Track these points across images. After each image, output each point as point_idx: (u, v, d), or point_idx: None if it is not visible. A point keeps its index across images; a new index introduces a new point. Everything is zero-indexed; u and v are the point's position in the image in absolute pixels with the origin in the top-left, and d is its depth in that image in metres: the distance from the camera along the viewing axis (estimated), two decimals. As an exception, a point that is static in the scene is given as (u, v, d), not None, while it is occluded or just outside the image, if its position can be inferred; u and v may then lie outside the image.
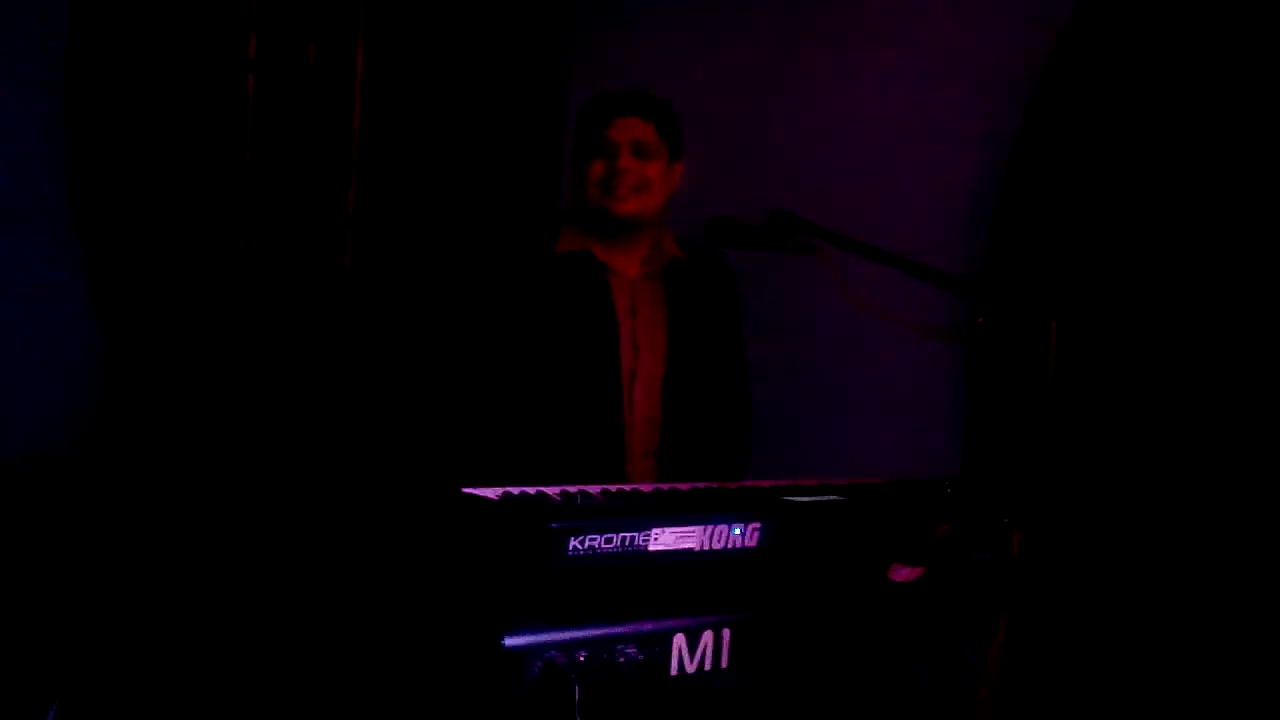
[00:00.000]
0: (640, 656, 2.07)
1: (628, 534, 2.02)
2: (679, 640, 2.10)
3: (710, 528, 2.10)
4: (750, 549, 2.14)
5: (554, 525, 1.97)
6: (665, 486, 2.31)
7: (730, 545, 2.12)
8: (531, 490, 2.14)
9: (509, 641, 1.95)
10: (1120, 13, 3.15)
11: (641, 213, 2.82)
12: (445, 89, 3.76)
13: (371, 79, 3.69)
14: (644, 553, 2.05)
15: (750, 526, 2.13)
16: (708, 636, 2.13)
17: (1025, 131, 3.20)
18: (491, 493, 2.10)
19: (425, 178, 3.73)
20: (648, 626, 2.08)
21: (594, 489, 2.23)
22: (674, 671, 2.09)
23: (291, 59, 3.63)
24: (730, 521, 2.11)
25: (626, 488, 2.32)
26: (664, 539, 2.06)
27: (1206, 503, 2.91)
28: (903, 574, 2.22)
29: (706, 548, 2.10)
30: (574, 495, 2.14)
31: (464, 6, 3.78)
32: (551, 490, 2.16)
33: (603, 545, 2.00)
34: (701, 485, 2.33)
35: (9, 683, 2.18)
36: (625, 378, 2.82)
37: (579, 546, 1.98)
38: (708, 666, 2.13)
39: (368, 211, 3.68)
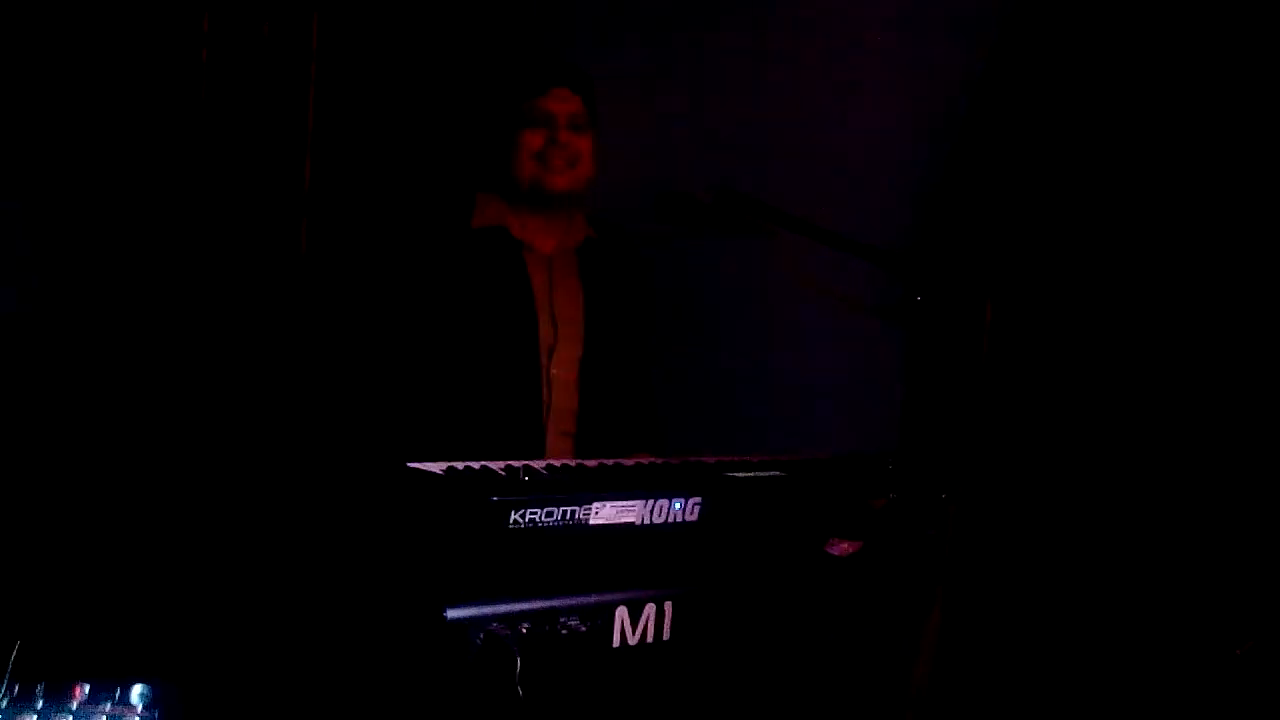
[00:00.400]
0: (583, 628, 2.10)
1: (569, 507, 2.05)
2: (621, 613, 2.14)
3: (651, 502, 2.13)
4: (691, 523, 2.18)
5: (495, 498, 2.00)
6: (609, 461, 2.34)
7: (671, 519, 2.16)
8: (476, 465, 2.16)
9: (452, 613, 1.98)
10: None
11: (574, 187, 2.77)
12: (398, 64, 3.75)
13: (325, 54, 3.69)
14: (585, 526, 2.08)
15: (691, 501, 2.17)
16: (649, 609, 2.16)
17: (969, 114, 3.24)
18: (436, 467, 2.12)
19: (379, 154, 3.73)
20: (590, 599, 2.12)
21: (538, 464, 2.26)
22: (616, 643, 2.13)
23: (246, 35, 3.62)
24: (670, 496, 2.15)
25: (571, 463, 2.35)
26: (605, 513, 2.09)
27: (1140, 478, 2.97)
28: (841, 548, 2.26)
29: (647, 522, 2.13)
30: (518, 469, 2.17)
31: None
32: (496, 465, 2.18)
33: (544, 518, 2.03)
34: (645, 460, 2.36)
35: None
36: (544, 355, 2.80)
37: (520, 520, 2.01)
38: (650, 639, 2.16)
39: (322, 188, 3.68)
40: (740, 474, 2.25)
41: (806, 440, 2.46)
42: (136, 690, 1.61)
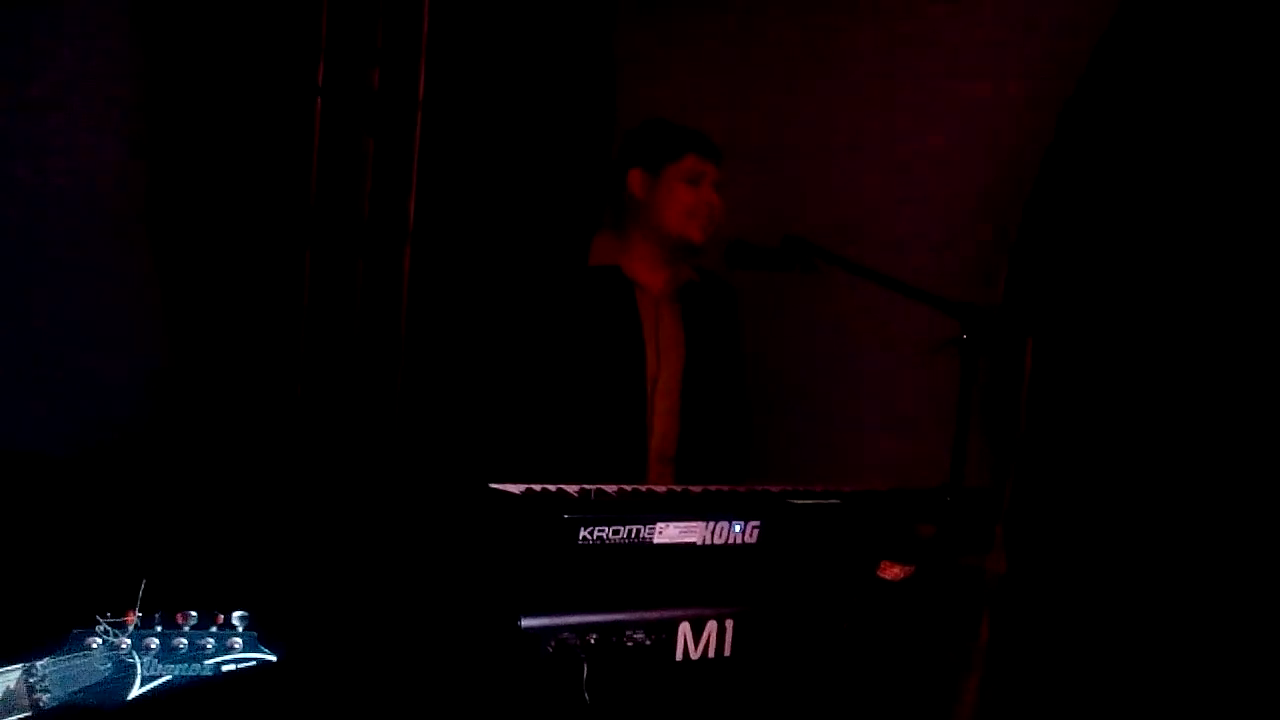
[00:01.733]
0: (647, 641, 2.25)
1: (634, 526, 2.21)
2: (684, 628, 2.29)
3: (712, 524, 2.28)
4: (750, 545, 2.32)
5: (567, 516, 2.17)
6: (678, 487, 2.50)
7: (731, 541, 2.30)
8: (553, 487, 2.34)
9: (526, 622, 2.15)
10: (1130, 51, 3.29)
11: (706, 243, 3.04)
12: (501, 110, 3.97)
13: (432, 102, 3.91)
14: (649, 545, 2.23)
15: (750, 524, 2.31)
16: (711, 625, 2.31)
17: (1046, 161, 3.35)
18: (515, 488, 2.30)
19: (482, 192, 3.94)
20: (655, 614, 2.27)
21: (610, 487, 2.42)
22: (679, 657, 2.28)
23: (357, 84, 3.86)
24: (731, 519, 2.30)
25: (642, 487, 2.52)
26: (668, 532, 2.24)
27: (1187, 507, 3.03)
28: (892, 572, 2.38)
29: (708, 542, 2.28)
30: (590, 491, 2.34)
31: (519, 33, 3.99)
32: (571, 487, 2.36)
33: (611, 536, 2.19)
34: (712, 487, 2.52)
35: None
36: (649, 386, 3.01)
37: (589, 537, 2.17)
38: (711, 654, 2.31)
39: (427, 225, 3.89)
40: (798, 501, 2.39)
41: (875, 472, 2.59)
42: (237, 614, 1.86)
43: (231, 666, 1.85)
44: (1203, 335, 3.13)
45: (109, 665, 1.81)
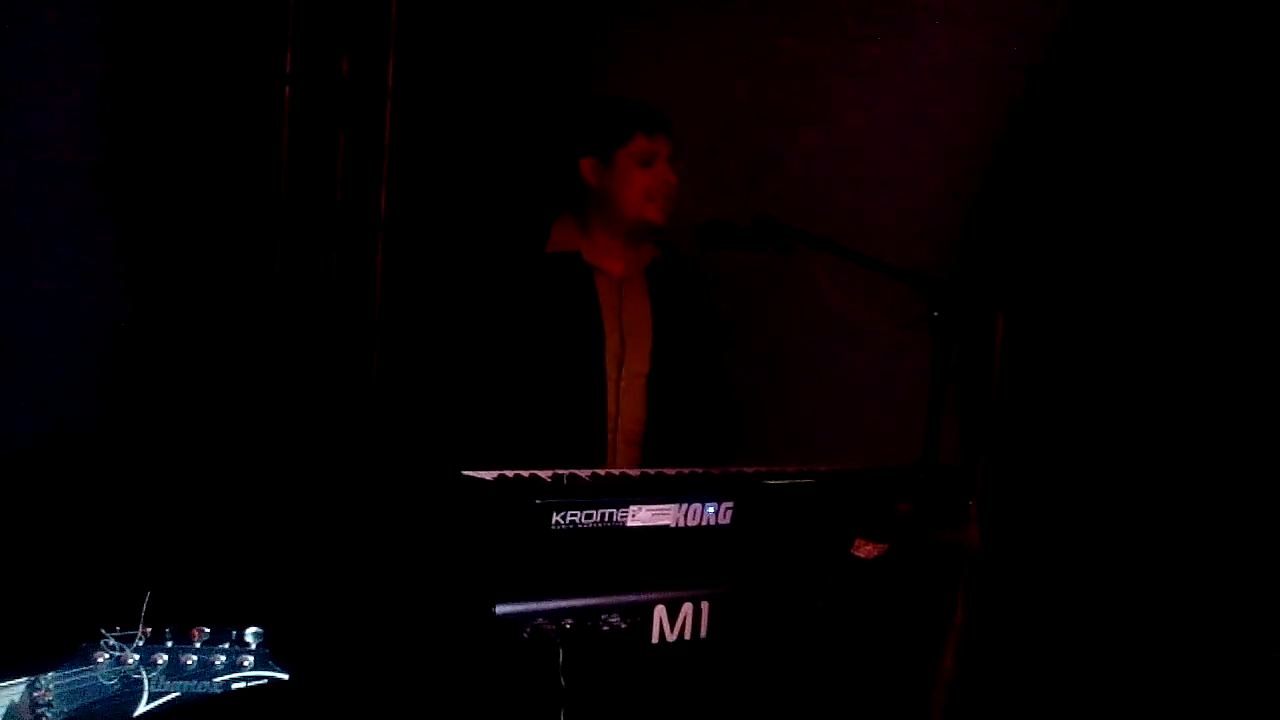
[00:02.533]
0: (623, 625, 2.25)
1: (607, 510, 2.20)
2: (659, 611, 2.28)
3: (685, 506, 2.27)
4: (724, 526, 2.31)
5: (539, 501, 2.16)
6: (651, 470, 2.49)
7: (705, 523, 2.30)
8: (525, 473, 2.33)
9: (501, 609, 2.14)
10: (1102, 30, 3.29)
11: (666, 222, 3.01)
12: (473, 95, 3.94)
13: (402, 89, 3.88)
14: (622, 528, 2.22)
15: (724, 505, 2.31)
16: (687, 608, 2.30)
17: (1002, 143, 3.36)
18: (488, 474, 2.29)
19: (454, 180, 3.92)
20: (630, 598, 2.26)
21: (583, 472, 2.41)
22: (655, 640, 2.27)
23: (325, 72, 3.83)
24: (704, 500, 2.29)
25: (615, 471, 2.51)
26: (641, 515, 2.24)
27: (1162, 481, 3.04)
28: (866, 550, 2.38)
29: (682, 524, 2.28)
30: (562, 476, 2.33)
31: (489, 16, 3.96)
32: (544, 473, 2.35)
33: (584, 520, 2.18)
34: (685, 470, 2.51)
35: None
36: (612, 371, 2.99)
37: (561, 521, 2.16)
38: (687, 636, 2.30)
39: (399, 214, 3.87)
40: (771, 481, 2.39)
41: (850, 449, 2.59)
42: (250, 631, 1.85)
43: (241, 684, 1.83)
44: (1170, 312, 3.14)
45: (115, 681, 1.79)
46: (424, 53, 3.89)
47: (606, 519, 2.21)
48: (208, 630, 1.85)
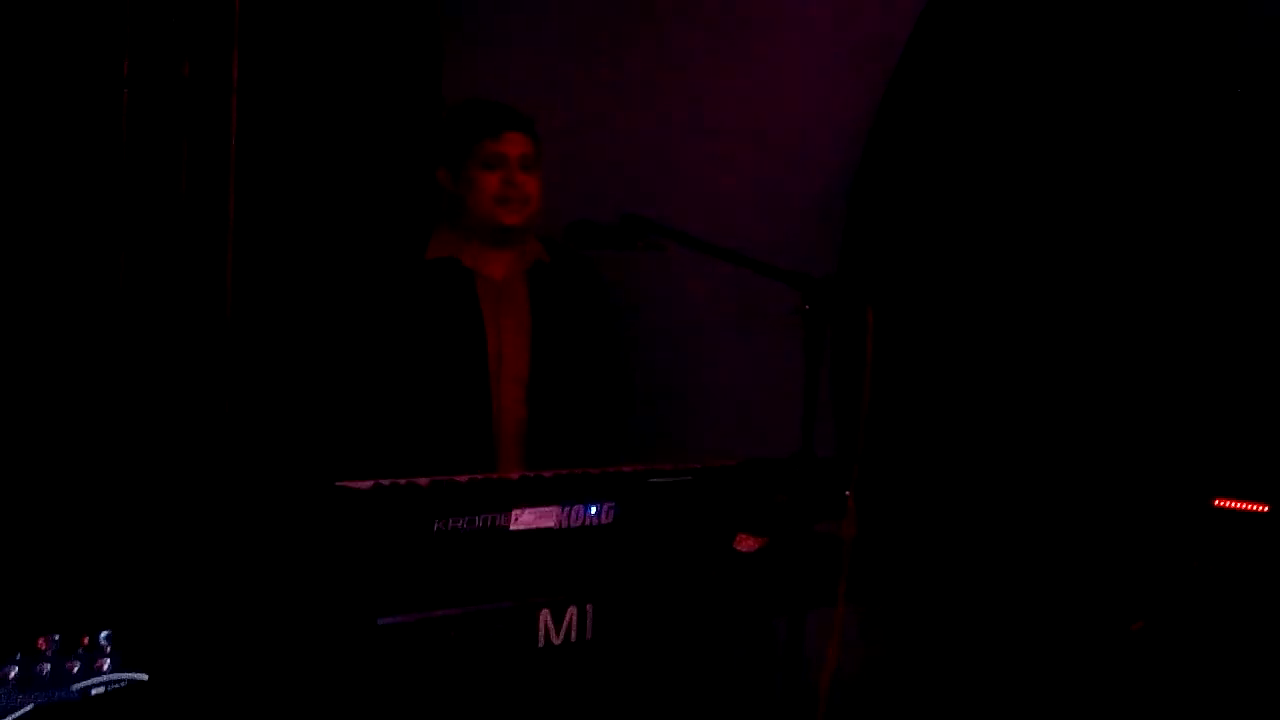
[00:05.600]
0: (508, 631, 2.22)
1: (489, 514, 2.18)
2: (544, 615, 2.26)
3: (568, 508, 2.26)
4: (607, 526, 2.31)
5: (419, 510, 2.12)
6: (530, 472, 2.47)
7: (588, 523, 2.29)
8: (402, 481, 2.28)
9: (383, 621, 2.10)
10: (962, 25, 3.39)
11: (527, 224, 3.01)
12: (320, 99, 3.85)
13: (247, 90, 3.77)
14: (505, 531, 2.20)
15: (606, 506, 2.31)
16: (572, 611, 2.29)
17: (874, 132, 3.43)
18: (363, 484, 2.24)
19: (304, 185, 3.82)
20: (515, 603, 2.24)
21: (461, 477, 2.38)
22: (541, 644, 2.26)
23: (166, 74, 3.69)
24: (586, 502, 2.28)
25: (494, 475, 2.48)
26: (524, 519, 2.22)
27: (1029, 469, 3.15)
28: (748, 544, 2.40)
29: (565, 526, 2.27)
30: (441, 483, 2.29)
31: (340, 22, 3.87)
32: (421, 480, 2.30)
33: (466, 526, 2.16)
34: (564, 470, 2.49)
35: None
36: (493, 377, 2.97)
37: (443, 528, 2.13)
38: (573, 638, 2.29)
39: (248, 220, 3.76)
40: (652, 479, 2.39)
41: (715, 446, 2.61)
42: (103, 634, 1.77)
43: (100, 690, 1.75)
44: (1033, 305, 3.25)
45: (-39, 702, 1.69)
46: (272, 55, 3.79)
47: (489, 523, 2.18)
48: (56, 637, 1.77)
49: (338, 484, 2.23)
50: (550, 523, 2.25)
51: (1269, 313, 3.13)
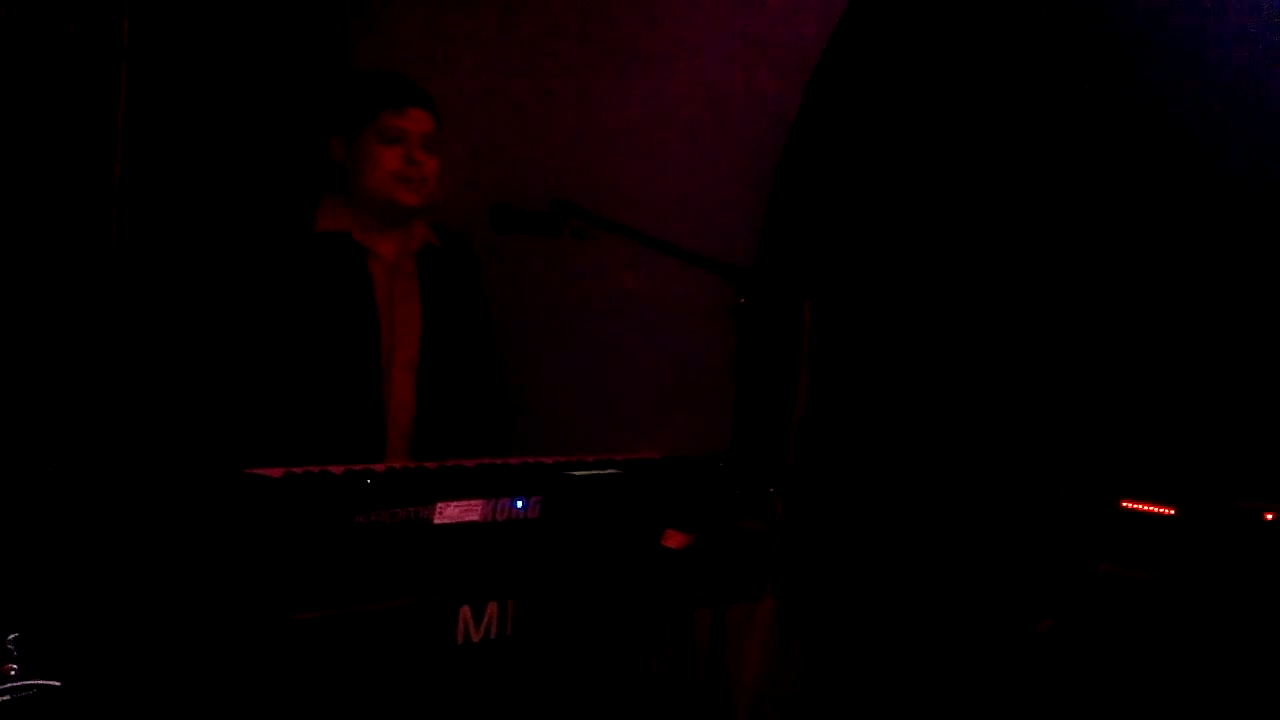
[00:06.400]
0: (426, 627, 2.15)
1: (412, 508, 2.09)
2: (465, 611, 2.19)
3: (494, 501, 2.19)
4: (532, 520, 2.25)
5: (338, 502, 2.03)
6: (450, 463, 2.38)
7: (513, 517, 2.22)
8: (315, 469, 2.18)
9: (299, 616, 2.00)
10: (890, 12, 3.39)
11: (425, 204, 2.87)
12: (217, 60, 3.68)
13: (138, 51, 3.59)
14: (429, 525, 2.12)
15: (532, 499, 2.24)
16: (492, 606, 2.23)
17: (796, 124, 3.40)
18: (274, 472, 2.12)
19: (196, 152, 3.65)
20: (434, 598, 2.17)
21: (379, 467, 2.29)
22: (459, 640, 2.18)
23: (49, 32, 3.50)
24: (512, 495, 2.21)
25: (412, 465, 2.39)
26: (448, 512, 2.14)
27: (950, 469, 3.18)
28: (675, 540, 2.36)
29: (490, 519, 2.20)
30: (359, 473, 2.19)
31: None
32: (335, 469, 2.20)
33: (388, 519, 2.07)
34: (486, 461, 2.41)
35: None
36: (384, 360, 2.84)
37: (364, 522, 2.04)
38: (493, 635, 2.22)
39: (135, 188, 3.58)
40: (578, 472, 2.33)
41: (648, 440, 2.55)
42: (11, 637, 1.64)
43: (7, 696, 1.61)
44: (968, 300, 3.27)
45: None
46: (167, 17, 3.61)
47: (412, 516, 2.10)
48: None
49: (247, 471, 2.12)
50: (475, 516, 2.17)
51: (1177, 313, 3.19)
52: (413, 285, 2.92)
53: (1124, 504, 2.88)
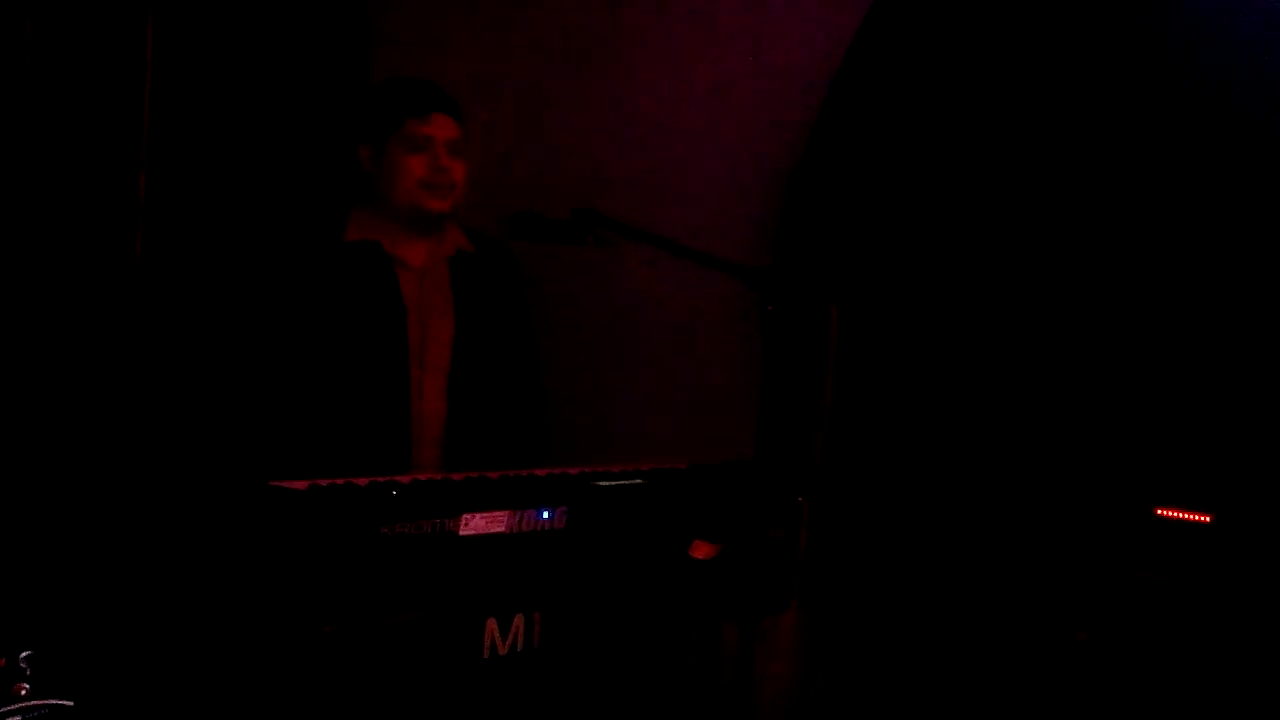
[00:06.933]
0: (453, 640, 2.12)
1: (438, 519, 2.07)
2: (491, 624, 2.17)
3: (519, 512, 2.17)
4: (559, 531, 2.22)
5: (364, 514, 2.01)
6: (475, 474, 2.36)
7: (539, 528, 2.20)
8: (340, 481, 2.16)
9: (325, 628, 1.98)
10: (913, 14, 3.36)
11: (453, 210, 2.88)
12: (240, 69, 3.68)
13: (163, 61, 3.59)
14: (455, 537, 2.10)
15: (558, 510, 2.22)
16: (519, 619, 2.20)
17: (818, 126, 3.38)
18: (299, 484, 2.11)
19: (220, 163, 3.66)
20: (460, 610, 2.14)
21: (404, 478, 2.27)
22: (486, 654, 2.16)
23: (74, 42, 3.50)
24: (538, 506, 2.19)
25: (437, 476, 2.37)
26: (474, 524, 2.12)
27: (984, 474, 3.14)
28: (702, 551, 2.33)
29: (516, 530, 2.17)
30: (383, 484, 2.17)
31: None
32: (360, 480, 2.18)
33: (413, 531, 2.05)
34: (511, 472, 2.39)
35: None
36: (414, 368, 2.84)
37: (389, 534, 2.02)
38: (520, 647, 2.20)
39: (161, 198, 3.58)
40: (604, 483, 2.31)
41: (673, 448, 2.53)
42: (22, 655, 1.62)
43: (19, 717, 1.59)
44: (994, 304, 3.23)
45: None
46: (186, 21, 3.60)
47: (438, 528, 2.08)
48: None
49: (272, 484, 2.11)
50: (500, 527, 2.15)
51: (1213, 321, 3.14)
52: (444, 291, 2.92)
53: (1159, 511, 2.84)
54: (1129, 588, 2.80)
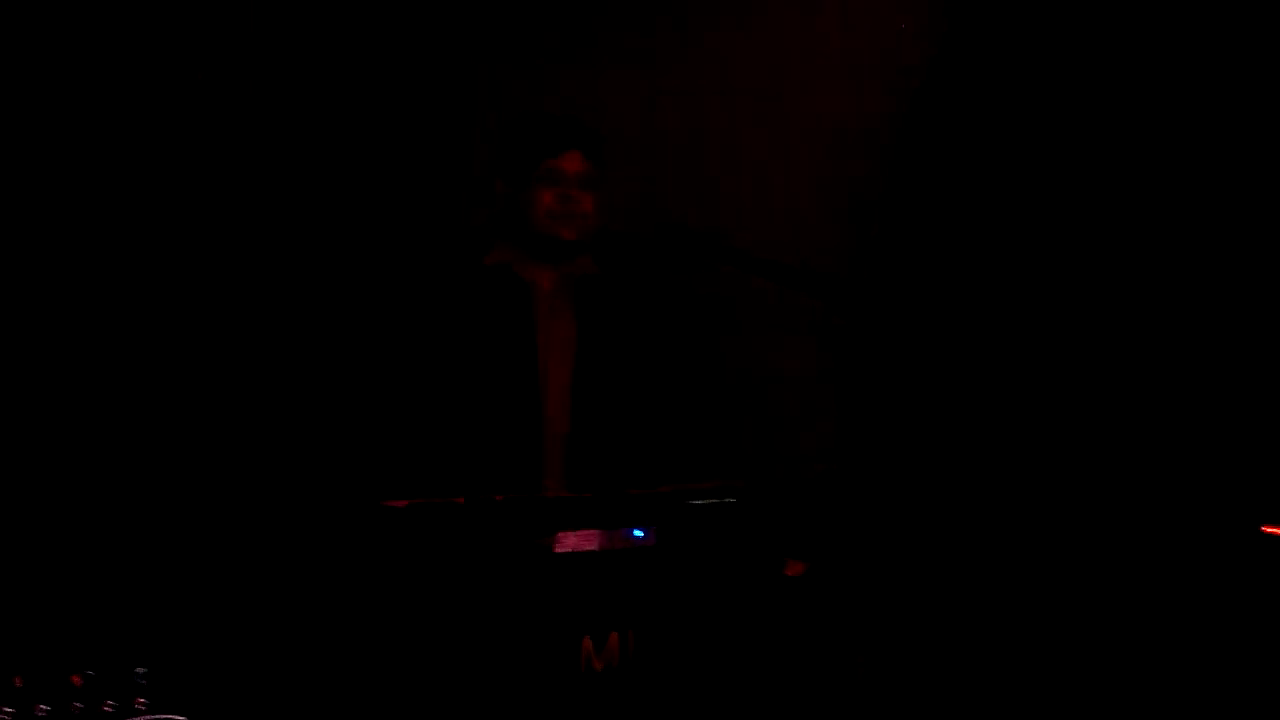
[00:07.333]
0: (548, 656, 2.18)
1: (533, 538, 2.13)
2: (587, 641, 2.22)
3: (611, 531, 2.22)
4: (650, 549, 2.27)
5: (461, 532, 2.08)
6: (567, 494, 2.43)
7: (631, 547, 2.25)
8: (438, 500, 2.25)
9: (416, 642, 2.06)
10: (996, 26, 3.36)
11: (583, 239, 3.02)
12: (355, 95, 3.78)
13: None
14: (548, 555, 2.16)
15: (649, 529, 2.27)
16: (614, 637, 2.25)
17: (900, 139, 3.39)
18: (401, 503, 2.20)
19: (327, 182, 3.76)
20: (556, 628, 2.20)
21: (500, 498, 2.34)
22: (582, 670, 2.21)
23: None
24: (630, 525, 2.24)
25: (530, 496, 2.44)
26: (567, 542, 2.18)
27: (1095, 499, 3.10)
28: (795, 569, 2.35)
29: (608, 549, 2.23)
30: (481, 503, 2.25)
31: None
32: (459, 499, 2.27)
33: (508, 549, 2.12)
34: (603, 492, 2.45)
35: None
36: (541, 386, 2.97)
37: (485, 551, 2.09)
38: (615, 665, 2.25)
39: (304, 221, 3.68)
40: (695, 501, 2.35)
41: (763, 462, 2.55)
42: (138, 670, 1.70)
43: None
44: (1068, 322, 3.20)
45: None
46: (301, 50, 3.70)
47: (533, 545, 2.15)
48: (91, 673, 1.70)
49: (381, 503, 2.21)
50: (593, 545, 2.21)
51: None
52: (569, 314, 3.06)
53: (1266, 529, 2.78)
54: (1234, 606, 2.75)
